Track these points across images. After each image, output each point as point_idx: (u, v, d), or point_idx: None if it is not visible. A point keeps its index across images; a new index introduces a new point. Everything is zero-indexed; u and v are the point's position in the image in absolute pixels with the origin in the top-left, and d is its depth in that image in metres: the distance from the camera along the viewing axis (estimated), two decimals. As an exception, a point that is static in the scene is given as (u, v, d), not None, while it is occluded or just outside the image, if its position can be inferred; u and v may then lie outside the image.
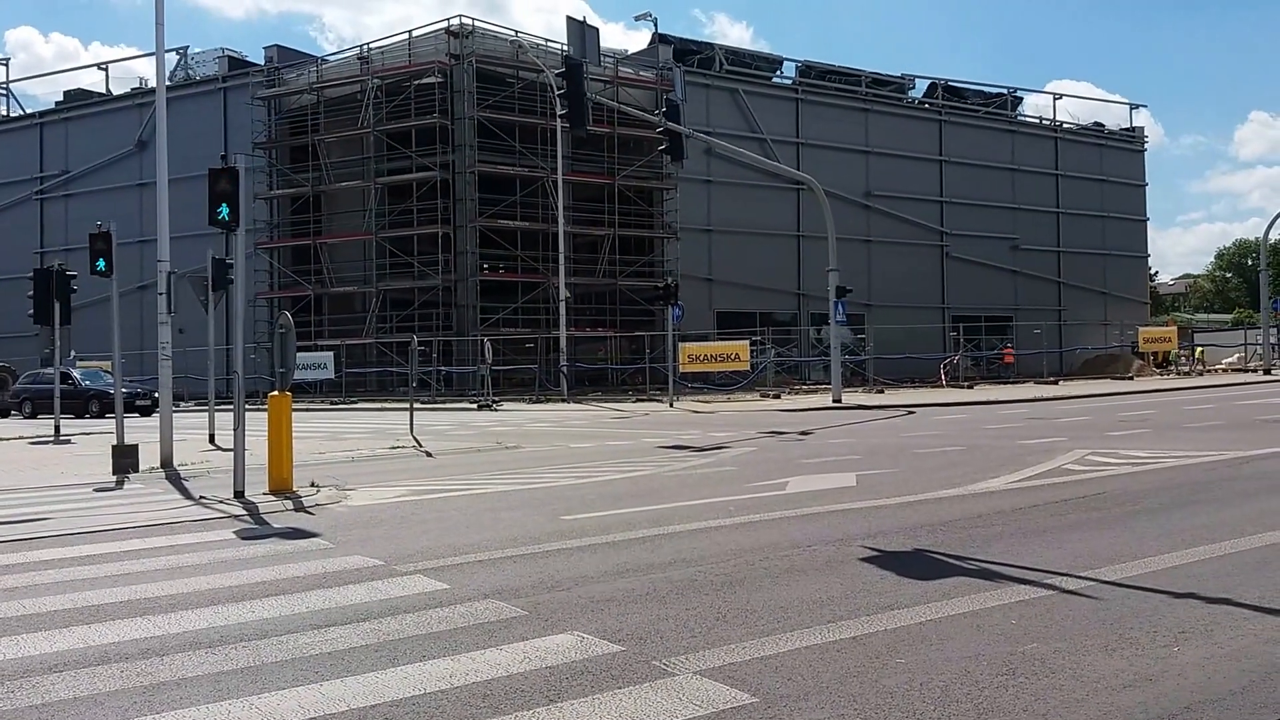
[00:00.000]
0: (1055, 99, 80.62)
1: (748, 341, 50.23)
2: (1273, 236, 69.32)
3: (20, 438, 31.44)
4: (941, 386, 50.24)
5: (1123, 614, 7.74)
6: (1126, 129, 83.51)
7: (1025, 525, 11.70)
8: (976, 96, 77.09)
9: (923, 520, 12.06)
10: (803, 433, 26.54)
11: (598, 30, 34.69)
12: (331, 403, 50.43)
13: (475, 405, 44.39)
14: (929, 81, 75.98)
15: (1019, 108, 79.26)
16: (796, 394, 47.34)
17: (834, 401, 38.19)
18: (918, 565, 9.61)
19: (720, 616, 7.86)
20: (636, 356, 55.57)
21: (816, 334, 59.00)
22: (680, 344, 46.85)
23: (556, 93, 43.33)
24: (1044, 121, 79.60)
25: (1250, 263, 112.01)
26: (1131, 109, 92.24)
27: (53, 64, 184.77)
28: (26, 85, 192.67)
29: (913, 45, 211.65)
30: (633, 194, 59.94)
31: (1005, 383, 54.32)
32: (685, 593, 8.66)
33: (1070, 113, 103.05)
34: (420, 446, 24.81)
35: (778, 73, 71.34)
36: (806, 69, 71.20)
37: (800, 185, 58.65)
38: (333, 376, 49.12)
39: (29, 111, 77.09)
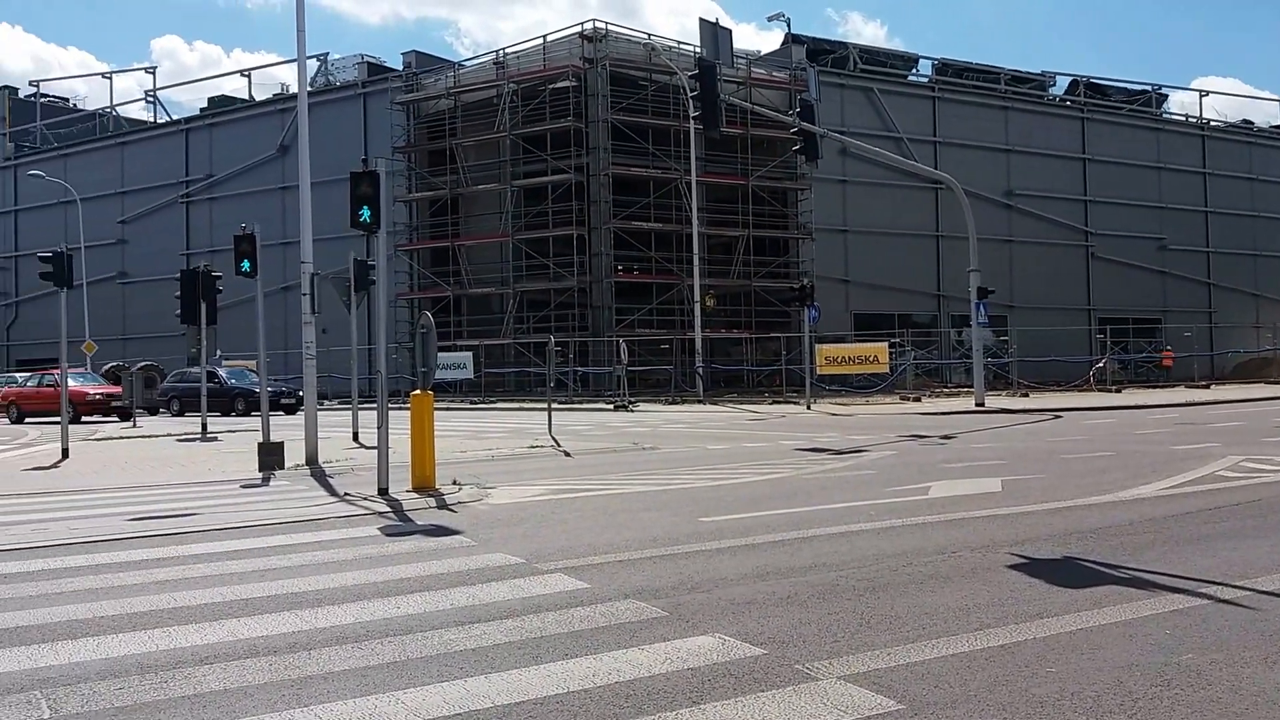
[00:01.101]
0: (1201, 96, 78.83)
1: (886, 343, 49.78)
2: None
3: (168, 435, 32.16)
4: (1088, 390, 49.32)
5: (1282, 625, 7.52)
6: (1276, 126, 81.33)
7: (1178, 533, 11.43)
8: (1119, 94, 75.62)
9: (1071, 527, 11.83)
10: (945, 436, 26.21)
11: (730, 31, 34.66)
12: (471, 402, 51.00)
13: (611, 406, 44.58)
14: (1070, 79, 74.81)
15: (1164, 105, 77.68)
16: (937, 397, 46.82)
17: (976, 405, 37.64)
18: (1067, 573, 9.42)
19: (864, 622, 7.77)
20: (773, 358, 55.39)
21: (957, 336, 58.35)
22: (817, 346, 46.60)
23: (690, 95, 43.33)
24: (1190, 119, 77.83)
25: None
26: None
27: (197, 71, 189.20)
28: (172, 92, 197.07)
29: (1052, 42, 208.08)
30: (767, 195, 59.68)
31: (1154, 386, 53.19)
32: (827, 597, 8.58)
33: (1217, 110, 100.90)
34: (558, 446, 24.97)
35: (913, 71, 70.71)
36: (943, 67, 70.48)
37: (938, 184, 58.05)
38: (472, 376, 49.56)
39: (175, 118, 79.33)
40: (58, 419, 40.51)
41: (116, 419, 41.91)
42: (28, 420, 43.14)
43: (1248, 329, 71.75)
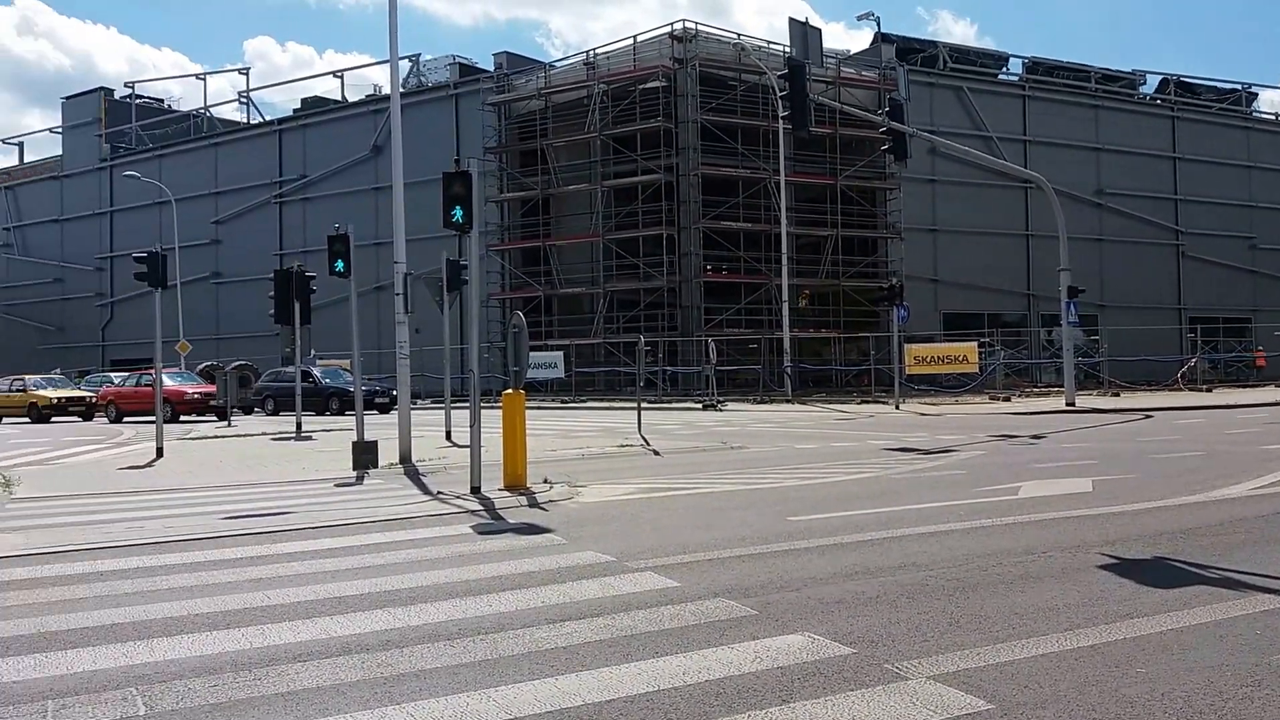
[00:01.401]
0: (1292, 94, 77.65)
1: (975, 343, 49.36)
2: None
3: (263, 434, 32.46)
4: (1178, 389, 48.61)
5: (1378, 627, 7.40)
6: (1370, 123, 79.73)
7: (1268, 533, 11.27)
8: (1209, 92, 74.44)
9: (1161, 527, 11.70)
10: (1034, 436, 25.95)
11: (820, 31, 34.53)
12: (561, 401, 51.15)
13: (700, 405, 44.54)
14: (1160, 77, 73.79)
15: (1254, 104, 76.40)
16: (1027, 396, 46.34)
17: (1067, 404, 37.20)
18: (1157, 573, 9.31)
19: (953, 622, 7.73)
20: (861, 358, 55.12)
21: (1047, 335, 57.70)
22: (906, 345, 46.34)
23: (779, 94, 43.25)
24: (1281, 118, 76.68)
25: None
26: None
27: (289, 72, 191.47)
28: (265, 93, 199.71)
29: (1143, 41, 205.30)
30: (855, 194, 59.41)
31: (1244, 386, 52.32)
32: (916, 597, 8.54)
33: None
34: (648, 445, 25.04)
35: (1003, 70, 70.01)
36: (1033, 65, 69.75)
37: (1028, 184, 57.39)
38: (563, 375, 49.78)
39: (268, 119, 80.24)
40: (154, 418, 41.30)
41: (214, 418, 42.45)
42: (125, 419, 43.56)
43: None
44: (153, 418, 41.32)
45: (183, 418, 42.25)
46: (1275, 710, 5.74)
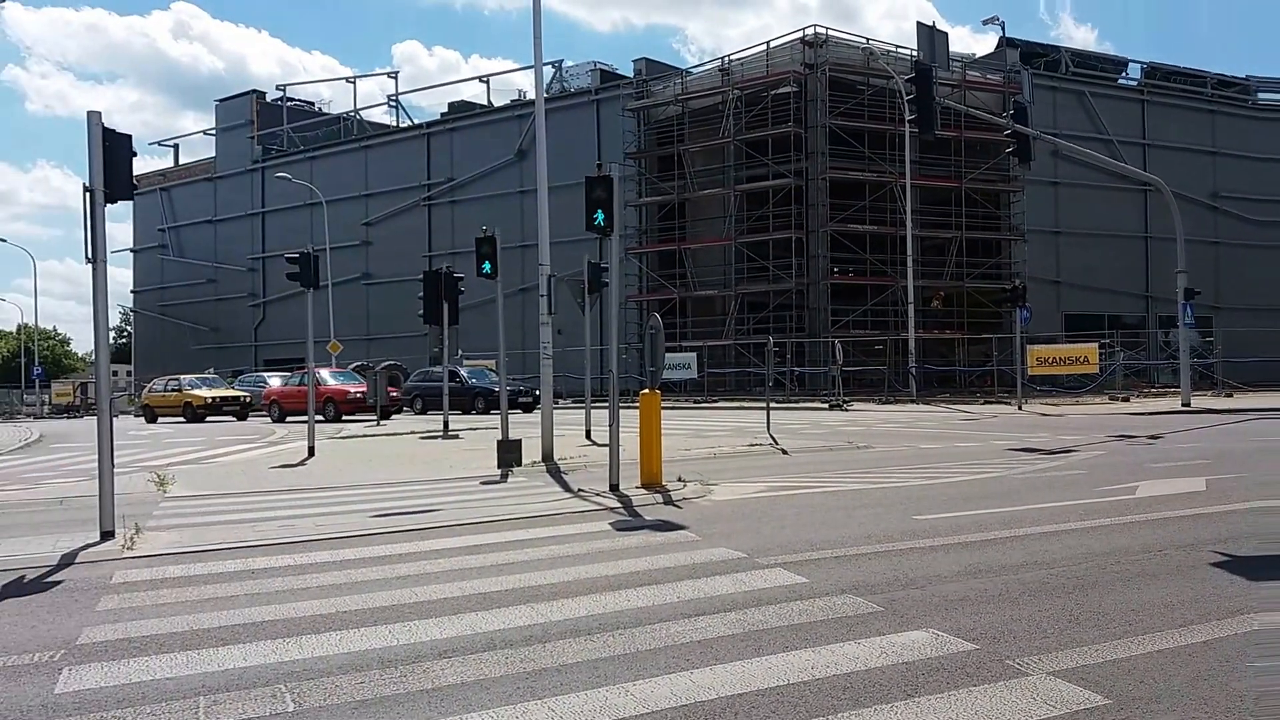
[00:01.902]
0: None
1: (1096, 344, 48.58)
2: None
3: (412, 433, 32.74)
4: (1293, 390, 47.45)
5: None
6: None
7: (1385, 534, 11.13)
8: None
9: (1273, 526, 11.52)
10: (1152, 436, 25.54)
11: (946, 35, 34.29)
12: (694, 401, 51.29)
13: (826, 405, 44.37)
14: (1277, 82, 72.12)
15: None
16: (1145, 397, 45.48)
17: (1182, 405, 36.49)
18: (1269, 570, 9.24)
19: (1072, 618, 7.75)
20: (984, 359, 54.56)
21: (1164, 337, 56.59)
22: (1028, 346, 45.76)
23: (905, 98, 42.96)
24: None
25: None
26: None
27: (436, 76, 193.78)
28: (413, 97, 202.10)
29: (1259, 47, 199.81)
30: (979, 197, 58.68)
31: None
32: (1037, 594, 8.55)
33: None
34: (776, 444, 25.03)
35: (1123, 74, 68.88)
36: (1151, 70, 68.48)
37: (1147, 186, 56.25)
38: (695, 376, 49.91)
39: (416, 122, 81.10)
40: (320, 417, 41.84)
41: (374, 417, 42.84)
42: (289, 419, 43.38)
43: None
44: (319, 416, 42.20)
45: (345, 417, 42.56)
46: (1388, 709, 5.74)
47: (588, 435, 27.45)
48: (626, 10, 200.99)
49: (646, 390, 17.09)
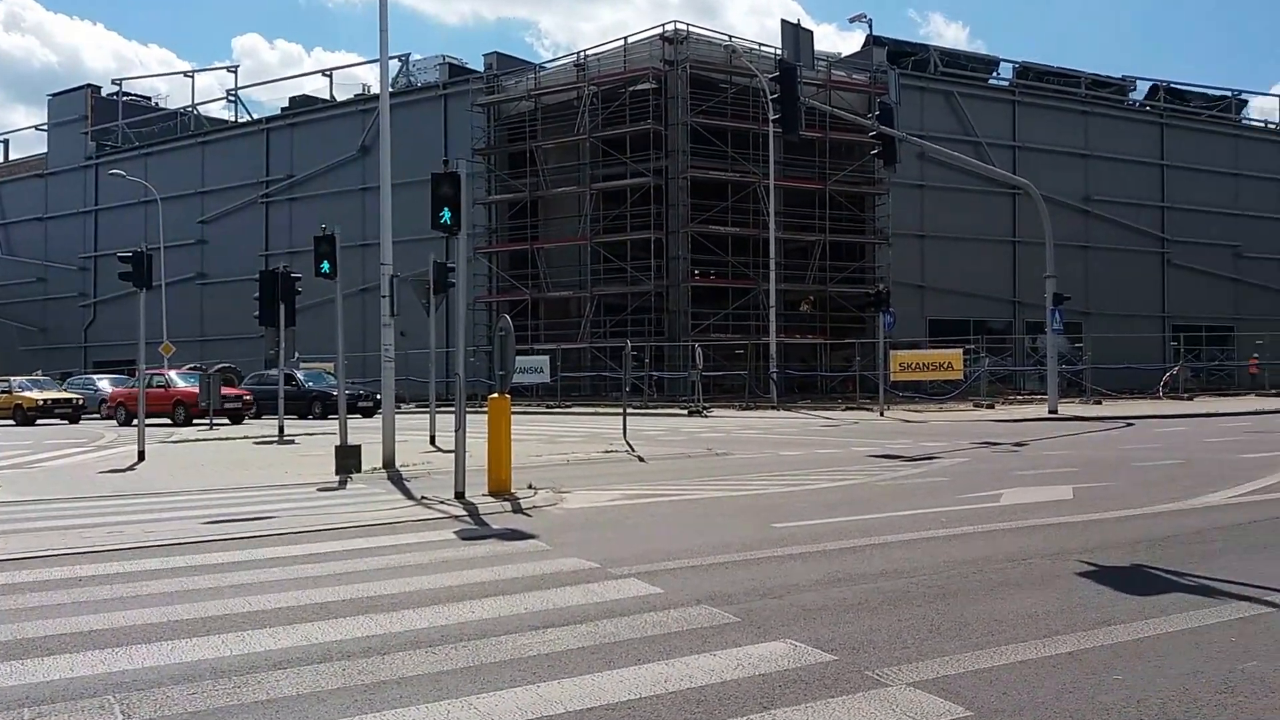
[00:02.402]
0: (1283, 100, 77.88)
1: (961, 350, 49.43)
2: None
3: (246, 438, 32.46)
4: (1160, 398, 48.80)
5: (1351, 635, 7.52)
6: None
7: (1247, 541, 11.43)
8: (1199, 99, 74.69)
9: (1140, 535, 11.81)
10: (1017, 444, 26.08)
11: (811, 33, 34.68)
12: (547, 406, 51.10)
13: (686, 411, 44.54)
14: (1150, 84, 73.94)
15: (1243, 111, 76.68)
16: (1011, 404, 46.45)
17: (1049, 412, 37.36)
18: (1135, 580, 9.45)
19: (933, 628, 7.84)
20: (847, 364, 55.22)
21: (1032, 343, 57.79)
22: (891, 352, 46.41)
23: (769, 97, 43.33)
24: (1270, 125, 76.76)
25: None
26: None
27: (277, 70, 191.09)
28: (253, 91, 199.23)
29: (1133, 47, 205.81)
30: (844, 199, 59.33)
31: (1226, 394, 52.61)
32: (897, 603, 8.64)
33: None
34: (633, 451, 25.05)
35: (994, 74, 70.07)
36: (1024, 70, 69.72)
37: (1016, 190, 57.35)
38: (549, 380, 49.79)
39: (256, 117, 79.85)
40: (167, 420, 41.05)
41: (227, 420, 42.22)
42: (135, 422, 42.51)
43: (1322, 338, 70.62)
44: (166, 419, 41.32)
45: (196, 421, 41.69)
46: (1248, 718, 5.86)
47: (432, 441, 27.24)
48: (477, 3, 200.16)
49: (495, 394, 17.01)
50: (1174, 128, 70.79)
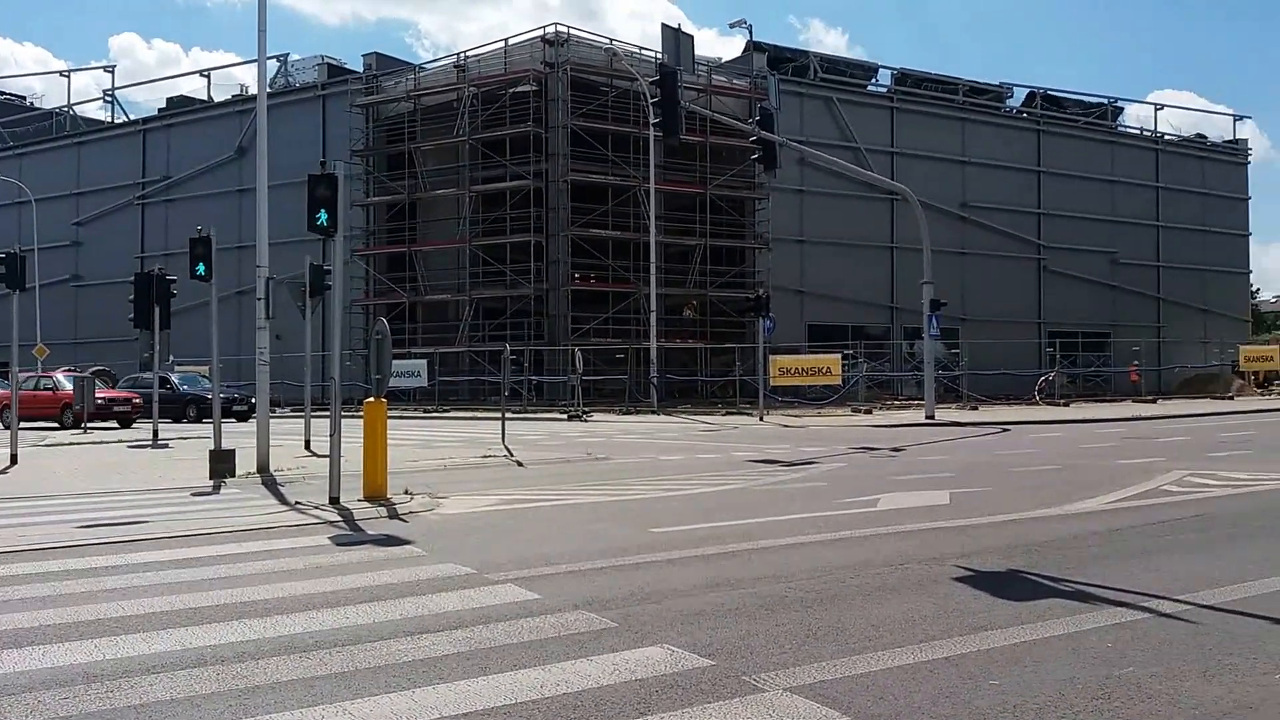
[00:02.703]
0: (1156, 110, 79.27)
1: (840, 355, 49.92)
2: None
3: (119, 441, 31.92)
4: (1036, 404, 49.69)
5: (1221, 639, 7.68)
6: (1230, 141, 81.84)
7: (1122, 547, 11.63)
8: (1076, 106, 75.95)
9: (1017, 540, 12.00)
10: (895, 449, 26.41)
11: (692, 38, 34.79)
12: (425, 410, 50.69)
13: (566, 415, 44.48)
14: (1027, 91, 75.05)
15: (1119, 118, 78.23)
16: (889, 409, 47.03)
17: (927, 418, 37.90)
18: (1012, 586, 9.59)
19: (811, 633, 7.89)
20: (727, 369, 55.52)
21: (909, 348, 58.57)
22: (771, 357, 46.73)
23: (650, 101, 43.45)
24: (1145, 133, 78.37)
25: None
26: (1235, 120, 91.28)
27: (155, 70, 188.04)
28: (130, 92, 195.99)
29: (1011, 54, 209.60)
30: (725, 204, 59.57)
31: (1101, 400, 53.72)
32: (775, 608, 8.69)
33: (1172, 124, 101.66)
34: (511, 456, 24.94)
35: (873, 80, 70.66)
36: (902, 77, 70.44)
37: (895, 196, 58.12)
38: (426, 384, 49.41)
39: (133, 118, 78.57)
40: (53, 423, 40.09)
41: (118, 425, 41.28)
42: (23, 424, 41.28)
43: (1195, 344, 72.08)
44: (51, 423, 40.32)
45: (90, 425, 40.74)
46: (1122, 722, 5.95)
47: (307, 446, 26.93)
48: (357, 3, 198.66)
49: (371, 398, 16.85)
50: (1050, 135, 71.95)
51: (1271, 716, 6.05)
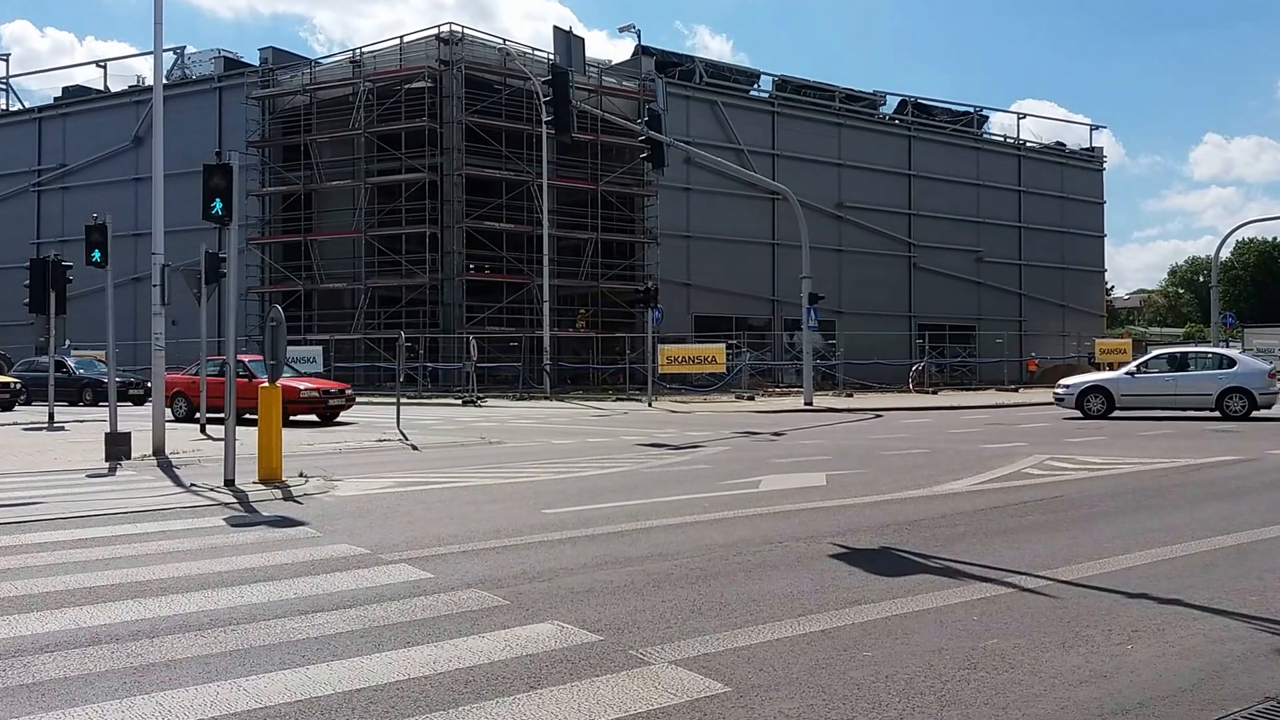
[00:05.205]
0: (1020, 118, 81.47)
1: (724, 345, 50.19)
2: (1224, 254, 69.63)
3: (15, 424, 31.20)
4: (908, 391, 50.33)
5: (1079, 612, 7.82)
6: (1087, 149, 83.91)
7: (987, 526, 11.79)
8: (944, 114, 77.19)
9: (889, 519, 12.12)
10: (775, 433, 26.58)
11: (583, 40, 34.69)
12: (320, 396, 50.10)
13: (460, 401, 44.22)
14: (899, 99, 76.08)
15: (985, 126, 79.52)
16: (770, 396, 47.35)
17: (805, 404, 38.23)
18: (884, 562, 9.68)
19: (695, 609, 7.90)
20: (617, 357, 55.57)
21: (789, 339, 58.99)
22: (660, 346, 46.85)
23: (543, 100, 43.24)
24: (1008, 140, 79.93)
25: (1202, 279, 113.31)
26: (1092, 129, 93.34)
27: (48, 59, 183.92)
28: (24, 80, 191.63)
29: (885, 63, 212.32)
30: (615, 199, 59.77)
31: (967, 389, 54.56)
32: (661, 585, 8.69)
33: (1033, 132, 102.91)
34: (406, 440, 24.71)
35: (755, 86, 71.14)
36: (783, 83, 71.06)
37: (775, 195, 58.52)
38: (321, 370, 48.90)
39: (27, 106, 76.71)
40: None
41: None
42: None
43: (1054, 337, 74.57)
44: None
45: None
46: (988, 692, 6.02)
47: (203, 430, 26.51)
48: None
49: (266, 384, 16.60)
50: (920, 140, 73.21)
51: (1124, 685, 6.15)
